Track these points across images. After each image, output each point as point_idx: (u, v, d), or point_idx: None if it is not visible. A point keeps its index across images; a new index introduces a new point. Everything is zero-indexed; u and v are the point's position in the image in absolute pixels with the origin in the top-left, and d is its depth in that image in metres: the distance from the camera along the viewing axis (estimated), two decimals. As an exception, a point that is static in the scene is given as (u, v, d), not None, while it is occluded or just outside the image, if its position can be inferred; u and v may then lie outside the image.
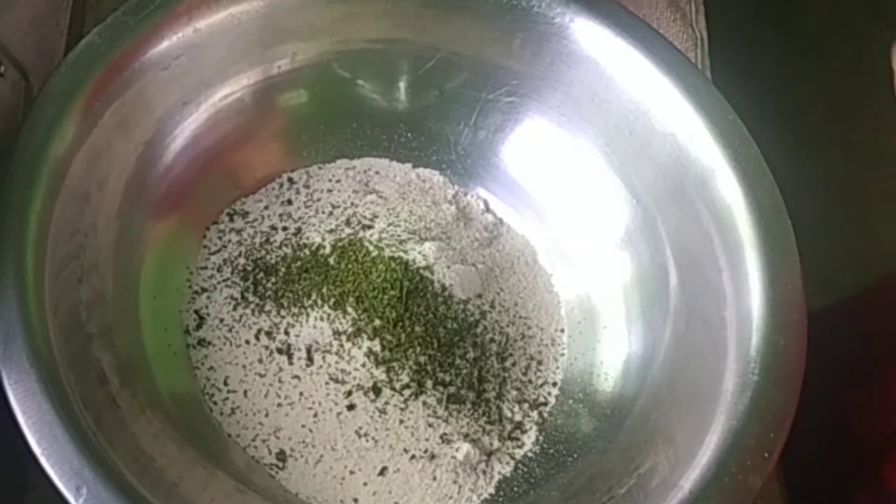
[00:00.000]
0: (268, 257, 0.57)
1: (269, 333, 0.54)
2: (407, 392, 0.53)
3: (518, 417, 0.55)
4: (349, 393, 0.52)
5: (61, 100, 0.48)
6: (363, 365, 0.52)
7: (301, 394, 0.53)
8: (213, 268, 0.56)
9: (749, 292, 0.49)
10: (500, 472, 0.53)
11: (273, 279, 0.56)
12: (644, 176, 0.56)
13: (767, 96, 0.98)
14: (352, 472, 0.51)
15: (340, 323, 0.53)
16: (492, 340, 0.56)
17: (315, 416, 0.52)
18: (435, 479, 0.52)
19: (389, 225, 0.57)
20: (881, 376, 0.63)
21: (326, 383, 0.53)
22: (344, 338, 0.53)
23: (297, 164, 0.61)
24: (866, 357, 0.63)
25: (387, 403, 0.52)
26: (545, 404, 0.56)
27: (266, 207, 0.59)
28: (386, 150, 0.62)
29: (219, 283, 0.56)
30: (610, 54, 0.55)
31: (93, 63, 0.50)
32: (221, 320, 0.55)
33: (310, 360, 0.53)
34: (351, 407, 0.52)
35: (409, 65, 0.60)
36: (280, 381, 0.53)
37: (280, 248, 0.57)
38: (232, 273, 0.56)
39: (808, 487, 0.61)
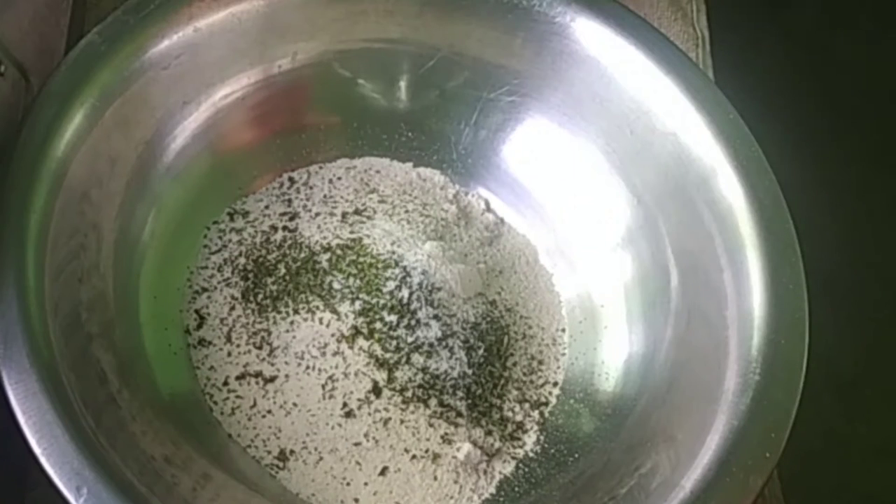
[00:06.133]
0: (268, 257, 0.57)
1: (269, 333, 0.54)
2: (407, 392, 0.52)
3: (519, 417, 0.55)
4: (350, 393, 0.52)
5: (61, 99, 0.48)
6: (364, 365, 0.52)
7: (301, 394, 0.53)
8: (213, 267, 0.56)
9: (750, 292, 0.49)
10: (501, 472, 0.53)
11: (273, 279, 0.56)
12: (645, 175, 0.56)
13: (768, 96, 0.98)
14: (352, 473, 0.51)
15: (341, 323, 0.53)
16: (493, 340, 0.56)
17: (315, 416, 0.52)
18: (436, 479, 0.52)
19: (390, 224, 0.57)
20: None
21: (326, 384, 0.53)
22: (344, 338, 0.53)
23: (298, 164, 0.61)
24: None
25: (387, 403, 0.52)
26: (546, 404, 0.56)
27: (266, 207, 0.59)
28: (387, 150, 0.62)
29: (219, 282, 0.56)
30: (611, 54, 0.55)
31: (93, 62, 0.50)
32: (222, 320, 0.55)
33: (310, 360, 0.53)
34: (351, 407, 0.52)
35: (410, 64, 0.60)
36: (280, 381, 0.53)
37: (280, 247, 0.57)
38: (232, 273, 0.56)
39: (807, 487, 0.61)
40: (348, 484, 0.51)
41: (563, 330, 0.58)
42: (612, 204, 0.58)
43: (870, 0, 1.24)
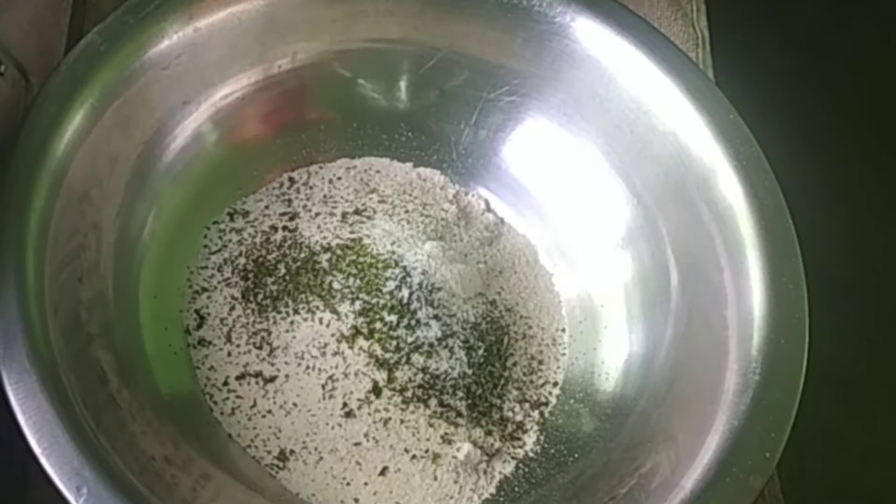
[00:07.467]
0: (268, 257, 0.57)
1: (269, 333, 0.54)
2: (407, 392, 0.52)
3: (519, 417, 0.55)
4: (350, 393, 0.52)
5: (61, 99, 0.48)
6: (364, 365, 0.52)
7: (301, 394, 0.53)
8: (213, 267, 0.56)
9: (750, 292, 0.49)
10: (501, 472, 0.53)
11: (273, 279, 0.56)
12: (645, 175, 0.56)
13: (768, 96, 0.98)
14: (352, 473, 0.51)
15: (341, 323, 0.53)
16: (493, 340, 0.56)
17: (315, 416, 0.52)
18: (436, 479, 0.52)
19: (390, 224, 0.57)
20: None
21: (326, 384, 0.53)
22: (344, 338, 0.53)
23: (298, 164, 0.61)
24: None
25: (387, 404, 0.52)
26: (546, 404, 0.56)
27: (266, 207, 0.59)
28: (387, 150, 0.62)
29: (219, 282, 0.56)
30: (611, 54, 0.55)
31: (93, 62, 0.50)
32: (222, 320, 0.55)
33: (310, 360, 0.53)
34: (351, 407, 0.52)
35: (410, 64, 0.60)
36: (280, 381, 0.53)
37: (280, 247, 0.57)
38: (232, 273, 0.56)
39: (807, 487, 0.61)
40: (348, 484, 0.51)
41: (563, 330, 0.58)
42: (612, 204, 0.57)
43: (870, 0, 1.24)
